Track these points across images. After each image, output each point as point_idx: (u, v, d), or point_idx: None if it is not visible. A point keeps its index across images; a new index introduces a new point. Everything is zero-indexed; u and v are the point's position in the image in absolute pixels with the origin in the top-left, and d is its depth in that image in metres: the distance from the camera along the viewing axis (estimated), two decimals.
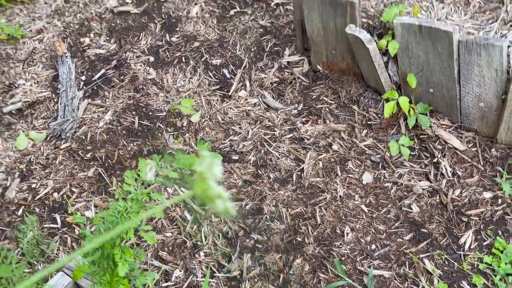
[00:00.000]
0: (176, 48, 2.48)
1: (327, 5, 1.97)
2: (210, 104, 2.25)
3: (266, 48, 2.43)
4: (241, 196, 1.92)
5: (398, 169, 1.92)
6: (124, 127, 2.17)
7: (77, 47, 2.46)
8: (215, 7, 2.65)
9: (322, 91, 2.19)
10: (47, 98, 2.26)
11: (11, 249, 1.82)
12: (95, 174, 2.01)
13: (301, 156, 2.00)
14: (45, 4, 2.67)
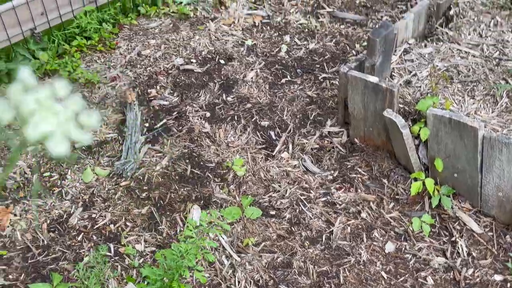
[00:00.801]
0: (230, 107, 2.77)
1: (369, 90, 2.23)
2: (255, 161, 2.51)
3: (310, 116, 2.70)
4: (274, 249, 2.14)
5: (418, 243, 2.11)
6: (177, 173, 2.44)
7: (144, 97, 2.79)
8: (268, 74, 2.96)
9: (357, 162, 2.43)
10: (113, 139, 2.57)
11: (69, 270, 2.08)
12: (147, 212, 2.28)
13: (332, 219, 2.23)
14: (120, 55, 3.04)
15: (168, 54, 3.06)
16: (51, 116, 0.59)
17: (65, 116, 0.60)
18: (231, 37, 3.21)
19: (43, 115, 0.59)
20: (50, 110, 0.60)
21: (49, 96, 0.60)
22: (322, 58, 3.05)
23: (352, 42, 3.15)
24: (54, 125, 0.59)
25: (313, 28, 3.26)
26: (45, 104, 0.59)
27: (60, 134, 0.58)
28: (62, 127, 0.59)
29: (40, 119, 0.58)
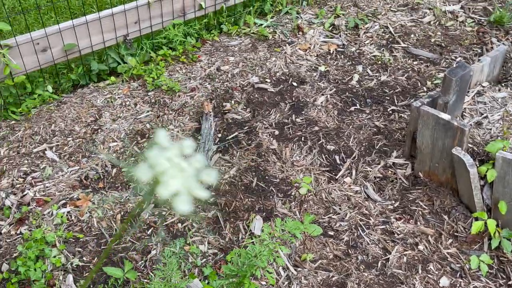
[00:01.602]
0: (298, 128, 2.89)
1: (440, 126, 2.29)
2: (317, 182, 2.60)
3: (376, 146, 2.78)
4: (330, 268, 2.22)
5: (474, 282, 2.14)
6: (243, 183, 2.57)
7: (219, 109, 2.96)
8: (338, 100, 3.07)
9: (419, 196, 2.48)
10: None
11: (137, 260, 2.23)
12: (213, 217, 2.41)
13: (389, 247, 2.29)
14: (200, 68, 3.23)
15: (245, 71, 3.22)
16: (178, 173, 0.64)
17: (189, 174, 0.64)
18: (306, 62, 3.34)
19: (172, 172, 0.64)
20: (178, 167, 0.64)
21: (177, 154, 0.66)
22: (393, 91, 3.13)
23: (424, 78, 3.21)
24: (180, 183, 0.63)
25: (386, 61, 3.35)
26: (174, 161, 0.65)
27: (185, 192, 0.63)
28: (187, 184, 0.63)
29: (169, 177, 0.63)
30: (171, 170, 0.64)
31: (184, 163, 0.65)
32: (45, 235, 2.27)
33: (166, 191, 0.62)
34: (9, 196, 2.46)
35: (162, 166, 0.64)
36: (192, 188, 0.63)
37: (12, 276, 2.14)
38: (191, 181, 0.63)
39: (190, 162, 0.65)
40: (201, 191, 0.63)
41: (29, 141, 2.74)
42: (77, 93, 3.06)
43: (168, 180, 0.63)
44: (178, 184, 0.63)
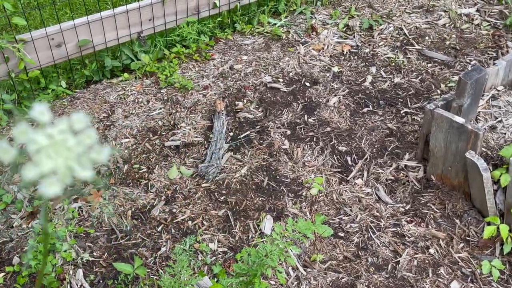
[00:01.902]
0: (311, 128, 2.88)
1: (454, 129, 2.28)
2: (328, 183, 2.59)
3: (388, 148, 2.76)
4: (340, 269, 2.21)
5: (485, 287, 2.12)
6: (254, 182, 2.57)
7: (232, 108, 2.96)
8: (351, 101, 3.05)
9: (431, 199, 2.46)
10: (199, 143, 2.74)
11: (147, 257, 2.24)
12: (223, 215, 2.41)
13: (399, 250, 2.27)
14: (213, 67, 3.23)
15: (257, 71, 3.22)
16: (62, 152, 0.56)
17: (75, 153, 0.57)
18: (319, 62, 3.33)
19: (51, 152, 0.56)
20: (63, 145, 0.57)
21: (64, 131, 0.58)
22: (406, 93, 3.11)
23: (438, 81, 3.19)
24: (58, 163, 0.55)
25: (400, 63, 3.33)
26: (58, 139, 0.57)
27: (62, 174, 0.55)
28: (67, 164, 0.55)
29: (46, 157, 0.55)
30: (49, 148, 0.55)
31: (70, 140, 0.57)
32: (56, 229, 2.28)
33: (33, 172, 0.53)
34: (21, 190, 2.48)
35: (37, 143, 0.55)
36: (73, 168, 0.55)
37: (23, 269, 2.15)
38: (74, 159, 0.56)
39: (79, 139, 0.57)
40: (84, 170, 0.55)
41: None
42: (90, 89, 3.08)
43: (42, 159, 0.54)
44: (55, 163, 0.54)
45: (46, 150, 0.56)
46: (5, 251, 2.24)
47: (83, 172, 0.56)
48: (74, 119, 0.58)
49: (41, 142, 0.56)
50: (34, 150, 0.56)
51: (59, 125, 0.58)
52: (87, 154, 0.57)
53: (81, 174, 0.56)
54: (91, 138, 0.58)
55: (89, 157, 0.57)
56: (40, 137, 0.56)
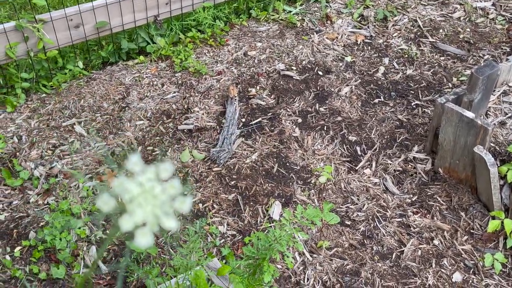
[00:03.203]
0: (321, 117, 2.92)
1: (463, 124, 2.31)
2: (337, 172, 2.64)
3: (397, 139, 2.80)
4: (345, 256, 2.27)
5: (486, 279, 2.17)
6: (264, 169, 2.62)
7: (244, 94, 3.00)
8: (363, 92, 3.08)
9: (437, 191, 2.51)
10: (212, 127, 2.79)
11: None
12: (233, 199, 2.47)
13: (404, 240, 2.32)
14: (228, 52, 3.27)
15: (271, 58, 3.25)
16: (149, 200, 0.59)
17: (161, 201, 0.59)
18: (332, 51, 3.36)
19: (141, 200, 0.59)
20: (150, 193, 0.59)
21: (151, 179, 0.61)
22: (418, 85, 3.14)
23: (450, 74, 3.21)
24: (148, 213, 0.58)
25: (413, 55, 3.35)
26: (147, 187, 0.60)
27: (150, 224, 0.58)
28: (155, 213, 0.58)
29: (137, 206, 0.59)
30: (140, 196, 0.59)
31: (157, 188, 0.60)
32: (71, 207, 2.35)
33: (129, 223, 0.57)
34: (38, 167, 2.55)
35: (130, 193, 0.59)
36: (160, 218, 0.58)
37: (39, 244, 2.23)
38: (161, 209, 0.59)
39: (164, 187, 0.60)
40: (170, 220, 0.59)
41: (58, 115, 2.82)
42: (106, 70, 3.13)
43: (134, 209, 0.58)
44: (144, 212, 0.58)
45: (138, 199, 0.59)
46: (22, 226, 2.31)
47: (168, 221, 0.59)
48: (161, 168, 0.62)
49: (134, 191, 0.59)
50: (128, 199, 0.59)
51: (147, 173, 0.60)
52: (171, 203, 0.60)
53: (166, 224, 0.59)
54: (174, 188, 0.61)
55: (173, 206, 0.60)
56: (132, 186, 0.60)
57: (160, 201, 0.60)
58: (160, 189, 0.60)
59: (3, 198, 2.43)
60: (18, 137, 2.69)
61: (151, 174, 0.61)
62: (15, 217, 2.35)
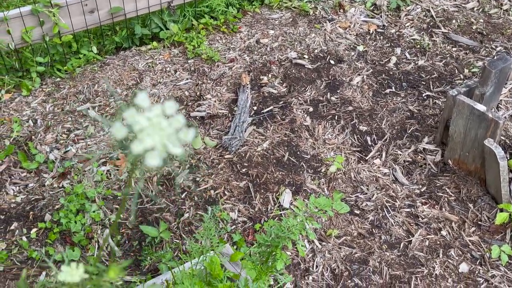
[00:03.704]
0: (333, 106, 2.94)
1: (474, 117, 2.33)
2: (347, 161, 2.67)
3: (408, 130, 2.82)
4: (354, 245, 2.31)
5: (492, 270, 2.20)
6: (275, 157, 2.65)
7: (256, 82, 3.02)
8: (374, 82, 3.10)
9: (446, 183, 2.53)
10: (224, 115, 2.82)
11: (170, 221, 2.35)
12: (244, 186, 2.51)
13: (412, 230, 2.36)
14: (240, 40, 3.28)
15: (283, 46, 3.26)
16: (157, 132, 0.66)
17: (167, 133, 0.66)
18: (344, 40, 3.37)
19: (149, 131, 0.66)
20: (158, 126, 0.67)
21: (158, 115, 0.68)
22: (429, 76, 3.14)
23: (462, 66, 3.21)
24: (156, 141, 0.66)
25: (425, 45, 3.35)
26: (154, 121, 0.67)
27: (159, 149, 0.65)
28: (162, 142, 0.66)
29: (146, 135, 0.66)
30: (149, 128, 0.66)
31: (164, 122, 0.67)
32: (86, 190, 2.40)
33: (140, 148, 0.65)
34: (53, 150, 2.60)
35: (140, 124, 0.67)
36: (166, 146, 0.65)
37: (54, 227, 2.28)
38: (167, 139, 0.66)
39: (170, 122, 0.67)
40: (176, 148, 0.66)
41: (73, 99, 2.86)
42: (120, 56, 3.16)
43: (144, 137, 0.66)
44: (153, 141, 0.65)
45: (146, 130, 0.66)
46: (38, 208, 2.37)
47: (174, 149, 0.66)
48: (166, 106, 0.68)
49: (143, 123, 0.67)
50: (138, 129, 0.67)
51: (154, 110, 0.67)
52: (176, 135, 0.67)
53: (173, 151, 0.66)
54: (179, 122, 0.67)
55: (179, 137, 0.67)
56: (142, 119, 0.67)
57: (167, 133, 0.66)
58: (166, 122, 0.66)
59: (19, 180, 2.48)
60: (34, 120, 2.74)
61: (157, 110, 0.67)
62: (31, 199, 2.40)
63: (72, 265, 0.81)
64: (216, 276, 1.47)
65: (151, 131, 0.67)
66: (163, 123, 0.67)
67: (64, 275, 0.80)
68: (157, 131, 0.67)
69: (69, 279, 0.80)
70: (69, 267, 0.80)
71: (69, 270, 0.80)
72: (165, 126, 0.67)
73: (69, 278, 0.80)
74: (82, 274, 0.80)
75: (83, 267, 0.81)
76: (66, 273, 0.80)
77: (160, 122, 0.67)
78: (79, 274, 0.80)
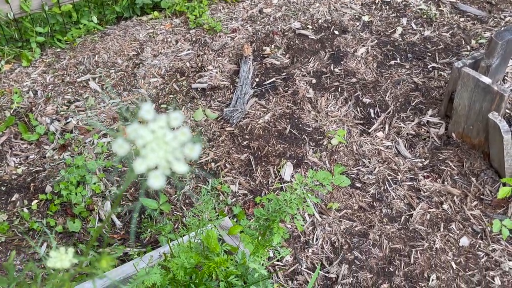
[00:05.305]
0: (336, 78, 2.90)
1: (479, 89, 2.28)
2: (350, 134, 2.64)
3: (412, 102, 2.78)
4: (354, 218, 2.31)
5: (493, 244, 2.20)
6: (277, 129, 2.63)
7: (259, 53, 2.97)
8: (379, 53, 3.04)
9: (449, 156, 2.51)
10: (225, 87, 2.79)
11: (171, 194, 2.35)
12: (245, 159, 2.50)
13: (413, 203, 2.35)
14: (243, 9, 3.22)
15: (287, 16, 3.20)
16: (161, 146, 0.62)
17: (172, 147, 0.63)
18: (349, 10, 3.30)
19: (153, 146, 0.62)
20: (162, 139, 0.63)
21: (163, 126, 0.64)
22: (435, 47, 3.08)
23: (469, 37, 3.14)
24: (160, 158, 0.62)
25: (432, 15, 3.27)
26: (159, 134, 0.63)
27: (163, 167, 0.61)
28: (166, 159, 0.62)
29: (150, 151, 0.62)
30: (153, 142, 0.62)
31: (168, 135, 0.63)
32: (86, 162, 2.39)
33: (142, 166, 0.61)
34: (54, 122, 2.59)
35: (143, 139, 0.63)
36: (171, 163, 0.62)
37: (55, 198, 2.29)
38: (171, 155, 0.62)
39: (175, 135, 0.63)
40: (180, 165, 0.62)
41: (73, 70, 2.84)
42: (121, 26, 3.11)
43: (147, 153, 0.62)
44: (157, 157, 0.61)
45: (150, 144, 0.62)
46: (38, 180, 2.37)
47: (179, 166, 0.62)
48: (171, 117, 0.65)
49: (146, 137, 0.63)
50: (141, 144, 0.62)
51: (158, 122, 0.63)
52: (181, 149, 0.63)
53: (178, 169, 0.62)
54: (185, 135, 0.64)
55: (183, 152, 0.63)
56: (145, 132, 0.63)
57: (171, 147, 0.63)
58: (171, 136, 0.63)
59: (20, 152, 2.48)
60: (34, 91, 2.72)
61: (162, 122, 0.64)
62: (31, 171, 2.40)
63: (61, 249, 0.79)
64: (213, 249, 1.47)
65: (155, 146, 0.63)
66: (168, 136, 0.63)
67: (53, 261, 0.77)
68: (161, 145, 0.63)
69: (58, 265, 0.77)
70: (58, 252, 0.78)
71: (58, 255, 0.78)
72: (170, 139, 0.63)
73: (58, 264, 0.77)
74: (72, 259, 0.78)
75: (72, 251, 0.79)
76: (55, 258, 0.78)
77: (164, 135, 0.63)
78: (68, 259, 0.78)
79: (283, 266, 2.13)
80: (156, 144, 0.63)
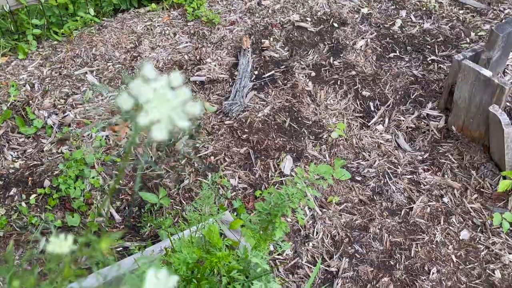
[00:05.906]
0: (335, 71, 2.88)
1: (480, 82, 2.27)
2: (349, 127, 2.63)
3: (411, 95, 2.77)
4: (354, 211, 2.30)
5: (493, 237, 2.20)
6: (276, 123, 2.62)
7: (258, 46, 2.95)
8: (378, 45, 3.03)
9: (449, 149, 2.50)
10: (224, 80, 2.77)
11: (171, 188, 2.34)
12: (245, 153, 2.48)
13: (413, 197, 2.34)
14: (241, 1, 3.19)
15: (286, 8, 3.18)
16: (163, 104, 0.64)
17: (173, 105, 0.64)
18: (348, 2, 3.27)
19: (156, 103, 0.64)
20: (163, 97, 0.65)
21: (164, 86, 0.66)
22: (435, 40, 3.07)
23: (468, 29, 3.13)
24: (162, 113, 0.64)
25: (432, 8, 3.26)
26: (160, 92, 0.65)
27: (165, 122, 0.63)
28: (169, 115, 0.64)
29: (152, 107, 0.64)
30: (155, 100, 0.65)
31: (169, 94, 0.65)
32: (85, 156, 2.37)
33: (146, 120, 0.63)
34: (51, 115, 2.56)
35: (146, 96, 0.65)
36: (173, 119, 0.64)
37: (54, 192, 2.27)
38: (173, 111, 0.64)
39: (176, 93, 0.65)
40: (182, 121, 0.64)
41: (70, 63, 2.81)
42: (118, 18, 3.08)
43: (150, 109, 0.64)
44: (159, 114, 0.64)
45: (153, 101, 0.65)
46: (36, 174, 2.35)
47: (180, 121, 0.64)
48: (171, 77, 0.67)
49: (149, 94, 0.65)
50: (144, 101, 0.65)
51: (160, 81, 0.65)
52: (183, 107, 0.65)
53: (180, 123, 0.64)
54: (185, 94, 0.65)
55: (185, 109, 0.65)
56: (148, 90, 0.65)
57: (173, 105, 0.64)
58: (172, 94, 0.65)
59: (17, 146, 2.46)
60: (31, 85, 2.69)
61: (163, 82, 0.66)
62: (29, 165, 2.38)
63: (61, 235, 0.79)
64: (215, 244, 1.46)
65: (157, 103, 0.65)
66: (169, 95, 0.65)
67: (52, 246, 0.78)
68: (163, 103, 0.65)
69: (57, 250, 0.78)
70: (58, 238, 0.78)
71: (57, 241, 0.78)
72: (171, 98, 0.65)
73: (58, 249, 0.78)
74: (71, 245, 0.78)
75: (72, 237, 0.79)
76: (54, 244, 0.78)
77: (165, 94, 0.65)
78: (68, 245, 0.78)
79: (284, 260, 2.13)
80: (158, 102, 0.65)
